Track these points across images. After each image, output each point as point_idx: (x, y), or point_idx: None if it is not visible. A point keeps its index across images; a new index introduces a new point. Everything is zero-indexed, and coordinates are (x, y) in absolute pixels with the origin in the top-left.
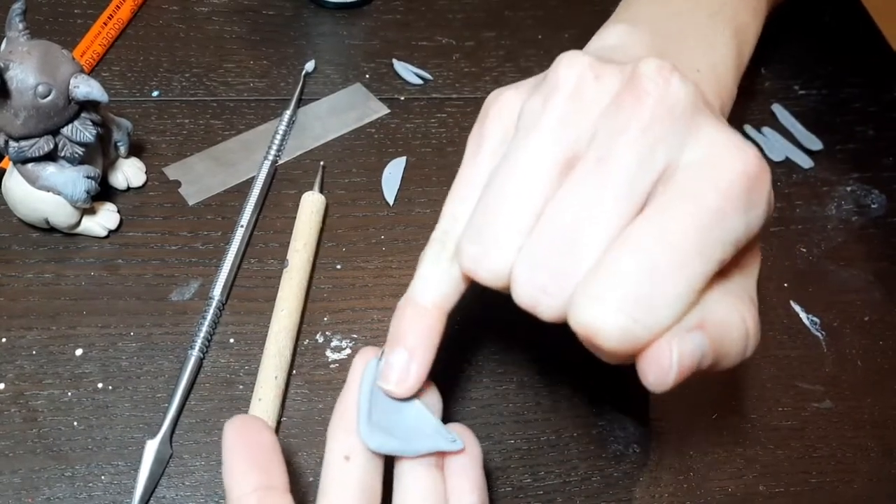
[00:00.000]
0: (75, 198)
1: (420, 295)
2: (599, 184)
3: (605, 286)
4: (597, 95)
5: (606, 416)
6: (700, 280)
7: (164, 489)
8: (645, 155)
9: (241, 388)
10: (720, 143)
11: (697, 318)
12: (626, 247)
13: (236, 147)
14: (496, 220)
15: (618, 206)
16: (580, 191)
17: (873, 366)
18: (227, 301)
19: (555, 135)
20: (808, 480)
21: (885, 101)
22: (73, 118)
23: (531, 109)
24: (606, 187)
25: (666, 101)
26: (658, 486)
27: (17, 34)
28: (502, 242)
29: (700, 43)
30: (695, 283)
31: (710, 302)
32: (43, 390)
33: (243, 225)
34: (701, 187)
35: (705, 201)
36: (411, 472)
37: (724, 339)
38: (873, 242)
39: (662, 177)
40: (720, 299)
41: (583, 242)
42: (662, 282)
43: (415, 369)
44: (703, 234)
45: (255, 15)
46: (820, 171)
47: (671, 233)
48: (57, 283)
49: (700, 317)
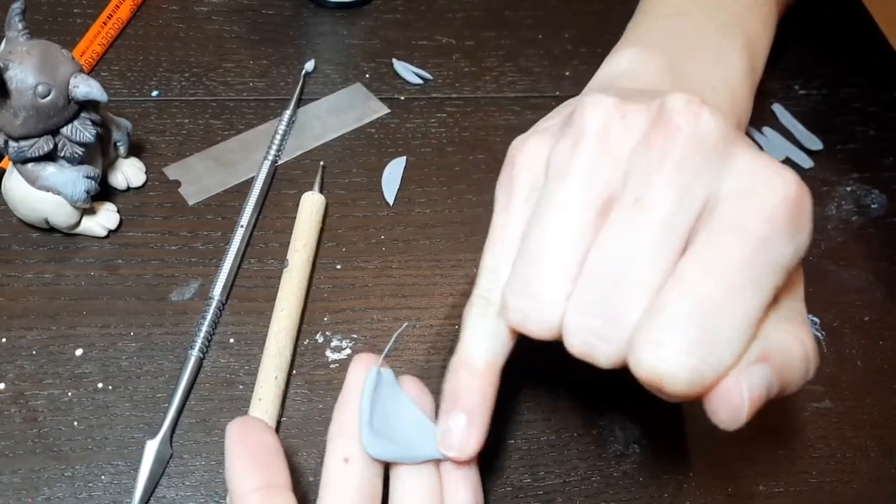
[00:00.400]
0: (75, 198)
1: (472, 355)
2: (640, 224)
3: (664, 329)
4: (625, 136)
5: (606, 416)
6: (757, 311)
7: (164, 489)
8: (682, 191)
9: (241, 388)
10: (758, 171)
11: (759, 349)
12: (679, 286)
13: (236, 147)
14: (540, 271)
15: (662, 245)
16: (622, 233)
17: (873, 366)
18: (227, 301)
19: (588, 179)
20: (807, 480)
21: (886, 100)
22: (72, 118)
23: (560, 156)
24: (648, 227)
25: (698, 135)
26: (658, 486)
27: (16, 34)
28: (549, 292)
29: (712, 57)
30: (752, 315)
31: (768, 331)
32: (43, 390)
33: (243, 225)
34: (744, 217)
35: (751, 231)
36: (409, 473)
37: (786, 365)
38: (873, 242)
39: (703, 212)
40: (777, 326)
41: (632, 285)
42: (720, 318)
43: (475, 432)
44: (754, 264)
45: (254, 14)
46: (820, 171)
47: (721, 266)
48: (57, 283)
49: (762, 347)
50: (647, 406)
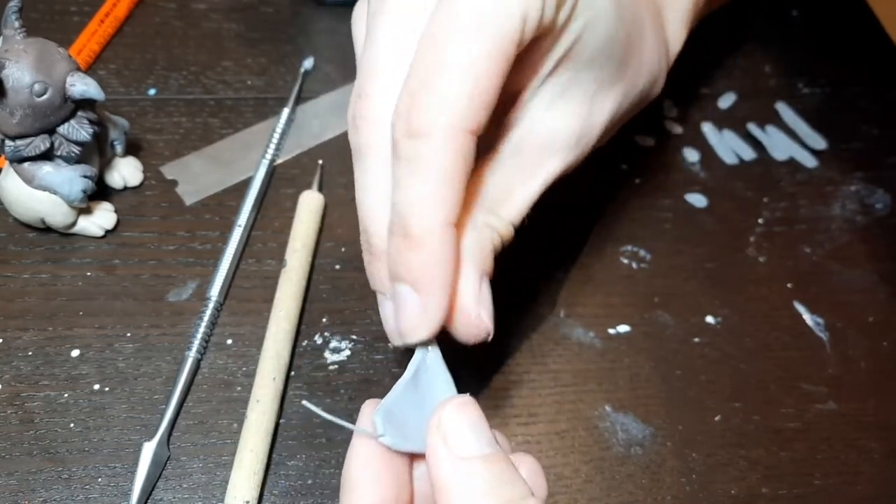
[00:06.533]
0: (72, 197)
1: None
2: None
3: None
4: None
5: (608, 418)
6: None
7: (161, 491)
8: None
9: (238, 390)
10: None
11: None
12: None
13: (234, 146)
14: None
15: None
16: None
17: (877, 367)
18: (225, 302)
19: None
20: (811, 483)
21: (890, 99)
22: (69, 117)
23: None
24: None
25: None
26: (660, 489)
27: (13, 32)
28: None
29: None
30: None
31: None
32: (39, 392)
33: (241, 225)
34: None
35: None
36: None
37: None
38: (878, 242)
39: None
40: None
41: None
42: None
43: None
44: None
45: (253, 12)
46: (824, 171)
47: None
48: (53, 283)
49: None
50: (650, 407)
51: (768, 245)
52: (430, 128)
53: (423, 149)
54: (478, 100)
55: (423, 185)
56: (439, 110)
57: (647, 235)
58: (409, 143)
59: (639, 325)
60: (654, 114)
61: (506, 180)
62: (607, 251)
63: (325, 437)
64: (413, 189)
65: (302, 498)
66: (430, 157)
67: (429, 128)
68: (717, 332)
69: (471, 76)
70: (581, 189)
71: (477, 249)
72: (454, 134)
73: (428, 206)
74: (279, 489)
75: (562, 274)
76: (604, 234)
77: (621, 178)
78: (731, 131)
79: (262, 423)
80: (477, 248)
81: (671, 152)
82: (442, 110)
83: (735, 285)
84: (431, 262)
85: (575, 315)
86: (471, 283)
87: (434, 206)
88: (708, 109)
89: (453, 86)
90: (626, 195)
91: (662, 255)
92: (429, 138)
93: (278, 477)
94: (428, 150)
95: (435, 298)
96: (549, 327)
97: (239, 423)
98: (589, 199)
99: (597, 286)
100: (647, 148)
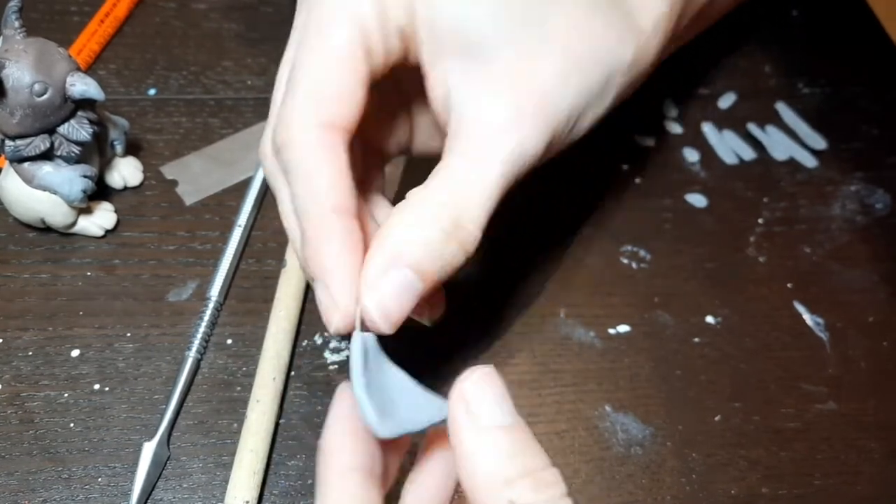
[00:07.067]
0: (72, 197)
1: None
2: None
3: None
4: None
5: (608, 418)
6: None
7: (161, 491)
8: None
9: (238, 390)
10: None
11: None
12: None
13: (234, 146)
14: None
15: None
16: None
17: (877, 367)
18: (225, 302)
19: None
20: (811, 483)
21: (890, 99)
22: (69, 117)
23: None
24: None
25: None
26: (660, 489)
27: (13, 32)
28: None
29: None
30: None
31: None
32: (39, 392)
33: (241, 225)
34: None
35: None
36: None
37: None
38: (878, 242)
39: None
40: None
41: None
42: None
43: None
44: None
45: (252, 12)
46: (824, 171)
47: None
48: (53, 283)
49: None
50: (650, 407)
51: (768, 245)
52: (286, 139)
53: (287, 157)
54: (320, 96)
55: (299, 187)
56: (290, 120)
57: (647, 235)
58: (281, 158)
59: (639, 325)
60: (654, 114)
61: (452, 170)
62: (607, 251)
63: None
64: (296, 195)
65: (302, 498)
66: (294, 162)
67: (286, 139)
68: (717, 332)
69: (309, 80)
70: (581, 189)
71: (391, 239)
72: (308, 135)
73: (308, 203)
74: (279, 489)
75: (562, 274)
76: (604, 234)
77: (621, 178)
78: (731, 131)
79: (262, 423)
80: (391, 237)
81: (671, 152)
82: (292, 119)
83: (735, 285)
84: (322, 252)
85: (575, 315)
86: (371, 271)
87: (313, 202)
88: (708, 109)
89: (297, 95)
90: (626, 195)
91: (662, 255)
92: (288, 147)
93: (278, 477)
94: (290, 157)
95: (336, 287)
96: (549, 327)
97: (239, 423)
98: (589, 199)
99: (597, 286)
100: (647, 148)
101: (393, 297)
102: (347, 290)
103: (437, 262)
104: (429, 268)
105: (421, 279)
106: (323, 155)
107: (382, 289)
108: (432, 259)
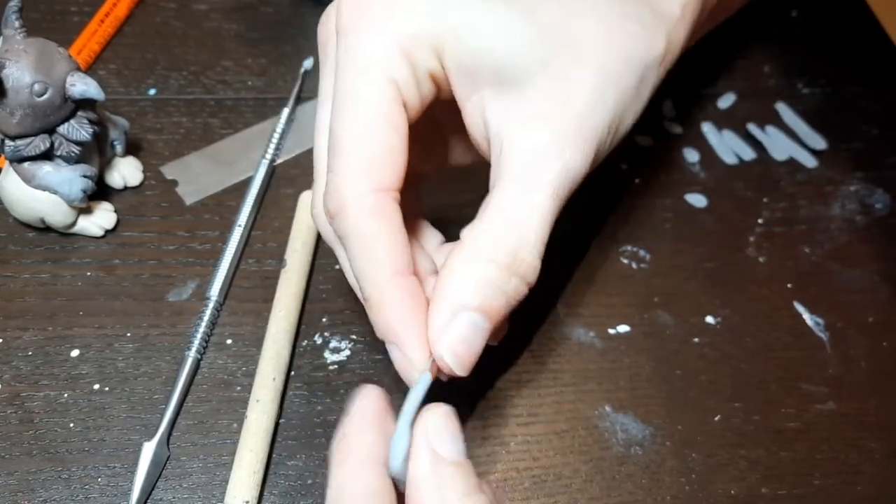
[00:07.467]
0: (72, 197)
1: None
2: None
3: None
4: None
5: (608, 418)
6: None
7: (161, 491)
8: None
9: (238, 390)
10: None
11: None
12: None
13: (234, 146)
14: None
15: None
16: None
17: (877, 367)
18: (225, 302)
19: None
20: (811, 483)
21: (890, 100)
22: (69, 117)
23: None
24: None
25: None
26: (660, 489)
27: (13, 32)
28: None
29: None
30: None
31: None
32: (39, 391)
33: (241, 225)
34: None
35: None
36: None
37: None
38: (878, 242)
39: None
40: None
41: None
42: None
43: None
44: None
45: (253, 12)
46: (824, 171)
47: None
48: (53, 283)
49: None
50: (649, 407)
51: (768, 245)
52: (339, 207)
53: (342, 226)
54: (368, 163)
55: (356, 254)
56: (340, 189)
57: (647, 235)
58: (335, 226)
59: (639, 325)
60: (653, 114)
61: (500, 209)
62: (607, 251)
63: (324, 437)
64: (354, 259)
65: (302, 498)
66: (350, 230)
67: (339, 207)
68: (717, 332)
69: (354, 146)
70: (581, 189)
71: (451, 287)
72: (361, 202)
73: (367, 271)
74: (279, 489)
75: (562, 274)
76: (604, 234)
77: (621, 178)
78: (730, 131)
79: (261, 422)
80: (451, 285)
81: (671, 152)
82: (343, 189)
83: (735, 285)
84: (389, 318)
85: (575, 315)
86: (437, 322)
87: (373, 269)
88: (708, 109)
89: (344, 162)
90: (626, 195)
91: (662, 255)
92: (341, 216)
93: (278, 477)
94: (346, 226)
95: (408, 348)
96: (549, 327)
97: (239, 422)
98: (589, 199)
99: (597, 286)
100: (647, 148)
101: (462, 342)
102: (420, 350)
103: (500, 298)
104: (493, 305)
105: (487, 318)
106: (377, 222)
107: (451, 335)
108: (496, 297)
